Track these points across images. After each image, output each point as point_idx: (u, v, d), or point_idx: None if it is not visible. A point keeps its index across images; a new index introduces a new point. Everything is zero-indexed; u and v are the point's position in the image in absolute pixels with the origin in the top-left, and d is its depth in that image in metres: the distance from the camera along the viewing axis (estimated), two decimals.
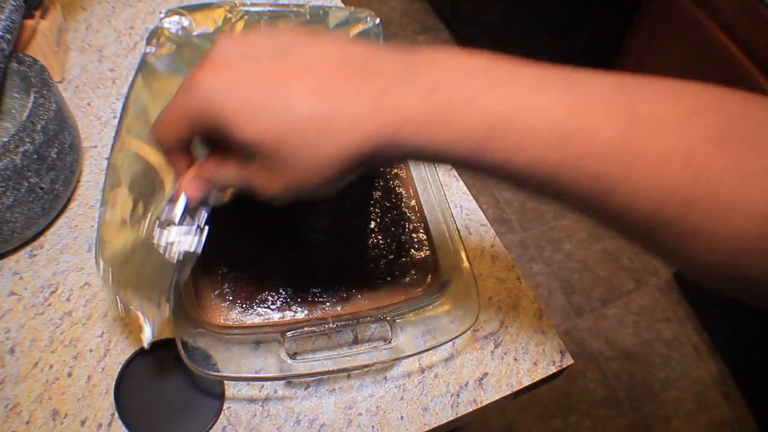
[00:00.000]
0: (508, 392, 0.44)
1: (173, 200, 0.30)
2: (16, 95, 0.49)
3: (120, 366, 0.42)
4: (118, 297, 0.34)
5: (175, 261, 0.31)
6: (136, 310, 0.34)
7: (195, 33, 0.45)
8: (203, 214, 0.32)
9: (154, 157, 0.39)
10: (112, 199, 0.38)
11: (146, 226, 0.33)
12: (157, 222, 0.31)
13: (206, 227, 0.32)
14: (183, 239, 0.31)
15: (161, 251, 0.31)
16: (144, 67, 0.43)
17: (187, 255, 0.31)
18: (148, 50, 0.44)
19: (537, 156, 0.24)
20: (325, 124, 0.24)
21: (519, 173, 0.25)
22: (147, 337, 0.34)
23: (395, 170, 0.50)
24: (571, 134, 0.24)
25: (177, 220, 0.30)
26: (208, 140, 0.30)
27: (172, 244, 0.31)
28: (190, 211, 0.31)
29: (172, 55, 0.44)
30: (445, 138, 0.24)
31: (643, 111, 0.24)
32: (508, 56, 0.25)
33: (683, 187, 0.23)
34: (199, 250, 0.32)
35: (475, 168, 0.26)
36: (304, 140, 0.25)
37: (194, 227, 0.31)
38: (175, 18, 0.45)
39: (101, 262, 0.35)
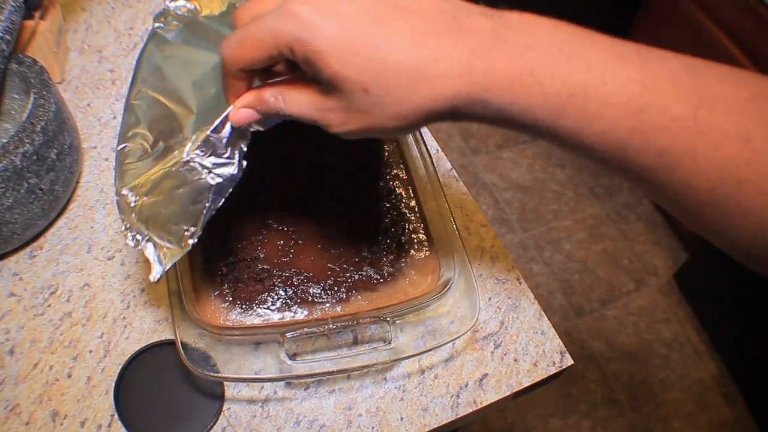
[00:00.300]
0: (508, 393, 0.44)
1: (222, 124, 0.31)
2: (16, 96, 0.49)
3: (120, 367, 0.42)
4: (130, 231, 0.34)
5: (214, 184, 0.32)
6: (148, 243, 0.34)
7: (202, 15, 0.46)
8: (243, 147, 0.32)
9: (172, 104, 0.39)
10: (131, 134, 0.38)
11: (185, 152, 0.32)
12: (200, 146, 0.31)
13: (244, 162, 0.32)
14: (225, 164, 0.32)
15: (201, 174, 0.32)
16: (154, 36, 0.43)
17: (226, 179, 0.32)
18: (156, 26, 0.44)
19: (609, 127, 0.25)
20: (419, 72, 0.25)
21: (589, 142, 0.26)
22: (154, 274, 0.34)
23: (395, 170, 0.50)
24: (643, 109, 0.25)
25: (223, 142, 0.31)
26: (267, 72, 0.30)
27: (214, 166, 0.32)
28: (230, 142, 0.31)
29: (181, 30, 0.44)
30: (526, 102, 0.26)
31: (710, 93, 0.25)
32: (587, 28, 0.27)
33: (740, 165, 0.25)
34: (239, 175, 0.32)
35: (548, 135, 0.27)
36: (397, 86, 0.26)
37: (236, 154, 0.32)
38: (181, 2, 0.45)
39: (124, 191, 0.34)
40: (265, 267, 0.43)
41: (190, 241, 0.33)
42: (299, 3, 0.26)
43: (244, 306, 0.41)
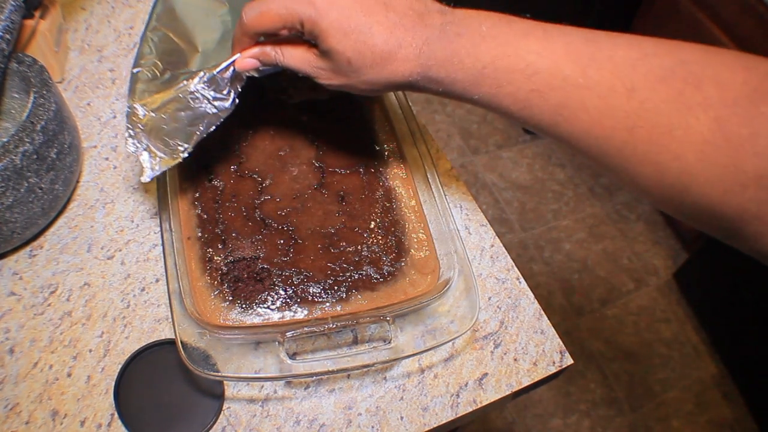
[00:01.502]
0: (507, 392, 0.44)
1: (226, 68, 0.39)
2: (16, 95, 0.49)
3: (120, 366, 0.42)
4: (133, 139, 0.40)
5: (211, 113, 0.40)
6: (145, 152, 0.40)
7: None
8: (238, 87, 0.41)
9: (181, 42, 0.48)
10: (144, 62, 0.45)
11: (193, 84, 0.40)
12: (206, 81, 0.40)
13: (236, 101, 0.41)
14: (222, 99, 0.40)
15: (202, 103, 0.40)
16: None
17: (221, 110, 0.40)
18: None
19: (514, 89, 0.32)
20: (389, 56, 0.34)
21: (504, 104, 0.33)
22: (145, 177, 0.40)
23: (395, 170, 0.50)
24: (538, 72, 0.31)
25: (225, 82, 0.40)
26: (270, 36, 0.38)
27: (214, 99, 0.40)
28: (230, 82, 0.40)
29: None
30: (455, 75, 0.34)
31: (601, 55, 0.30)
32: (518, 17, 0.34)
33: (628, 114, 0.29)
34: (231, 109, 0.40)
35: (476, 101, 0.34)
36: (372, 62, 0.34)
37: (232, 93, 0.40)
38: None
39: (136, 105, 0.41)
40: (265, 266, 0.43)
41: (182, 155, 0.40)
42: None
43: (244, 305, 0.41)
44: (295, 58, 0.37)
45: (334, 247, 0.44)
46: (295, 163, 0.48)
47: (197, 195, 0.46)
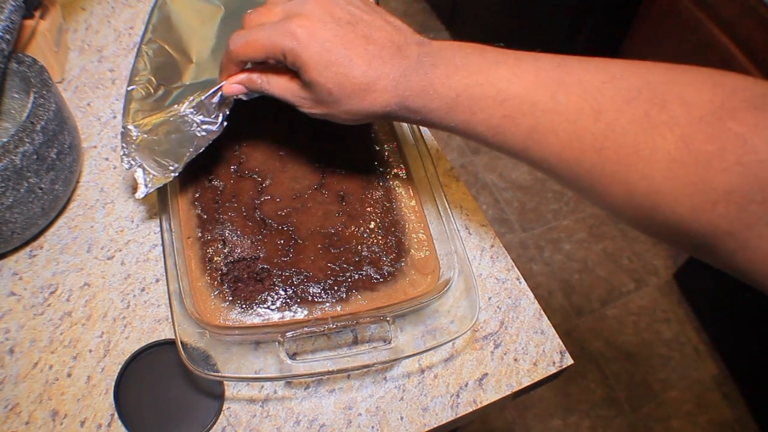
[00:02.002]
0: (507, 392, 0.44)
1: (214, 93, 0.40)
2: (16, 95, 0.49)
3: (120, 366, 0.42)
4: (127, 157, 0.42)
5: (200, 135, 0.42)
6: (139, 168, 0.42)
7: None
8: (226, 111, 0.42)
9: (176, 53, 0.50)
10: (139, 78, 0.47)
11: (182, 109, 0.41)
12: (195, 106, 0.41)
13: (225, 123, 0.42)
14: (210, 123, 0.42)
15: (191, 127, 0.41)
16: None
17: (208, 133, 0.42)
18: None
19: (487, 116, 0.33)
20: (368, 86, 0.35)
21: (479, 130, 0.34)
22: (140, 193, 0.42)
23: (395, 170, 0.50)
24: (508, 98, 0.32)
25: (213, 107, 0.41)
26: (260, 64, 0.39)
27: (202, 123, 0.42)
28: (218, 107, 0.41)
29: None
30: (430, 105, 0.34)
31: (570, 79, 0.31)
32: (491, 45, 0.35)
33: (596, 136, 0.30)
34: (219, 133, 0.42)
35: (451, 128, 0.35)
36: (352, 92, 0.35)
37: (221, 116, 0.42)
38: None
39: (130, 126, 0.43)
40: (265, 266, 0.43)
41: (172, 174, 0.42)
42: (296, 24, 0.35)
43: (243, 305, 0.41)
44: (280, 87, 0.38)
45: (334, 247, 0.44)
46: (296, 163, 0.48)
47: (197, 195, 0.46)
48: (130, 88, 0.46)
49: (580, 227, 1.56)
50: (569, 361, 0.46)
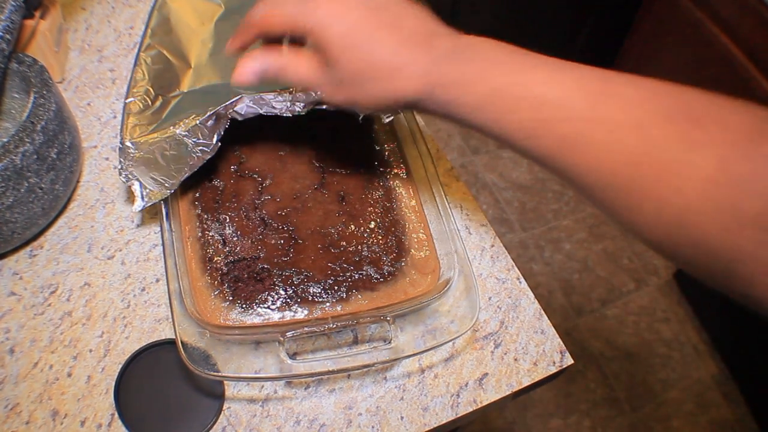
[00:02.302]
0: (508, 392, 0.44)
1: (209, 117, 0.42)
2: (16, 95, 0.49)
3: (120, 366, 0.42)
4: (125, 171, 0.43)
5: (195, 156, 0.42)
6: (137, 182, 0.43)
7: None
8: (221, 131, 0.42)
9: (174, 59, 0.50)
10: (137, 90, 0.47)
11: (177, 132, 0.42)
12: (189, 130, 0.42)
13: (218, 144, 0.43)
14: (204, 145, 0.43)
15: (187, 148, 0.42)
16: None
17: (203, 153, 0.43)
18: None
19: (520, 118, 0.32)
20: (395, 72, 0.34)
21: (508, 129, 0.33)
22: (136, 206, 0.43)
23: (395, 170, 0.50)
24: (546, 103, 0.31)
25: (206, 131, 0.42)
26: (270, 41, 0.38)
27: (196, 145, 0.42)
28: (212, 130, 0.42)
29: None
30: (461, 99, 0.33)
31: (611, 92, 0.30)
32: (520, 48, 0.34)
33: (633, 151, 0.29)
34: (212, 154, 0.43)
35: (477, 125, 0.34)
36: (378, 77, 0.34)
37: (215, 137, 0.42)
38: None
39: (128, 143, 0.44)
40: (265, 266, 0.43)
41: (168, 191, 0.43)
42: (324, 2, 0.34)
43: (244, 305, 0.41)
44: (299, 70, 0.37)
45: (335, 247, 0.44)
46: (296, 163, 0.48)
47: (197, 195, 0.46)
48: (128, 101, 0.47)
49: (581, 227, 1.56)
50: (569, 360, 0.46)
